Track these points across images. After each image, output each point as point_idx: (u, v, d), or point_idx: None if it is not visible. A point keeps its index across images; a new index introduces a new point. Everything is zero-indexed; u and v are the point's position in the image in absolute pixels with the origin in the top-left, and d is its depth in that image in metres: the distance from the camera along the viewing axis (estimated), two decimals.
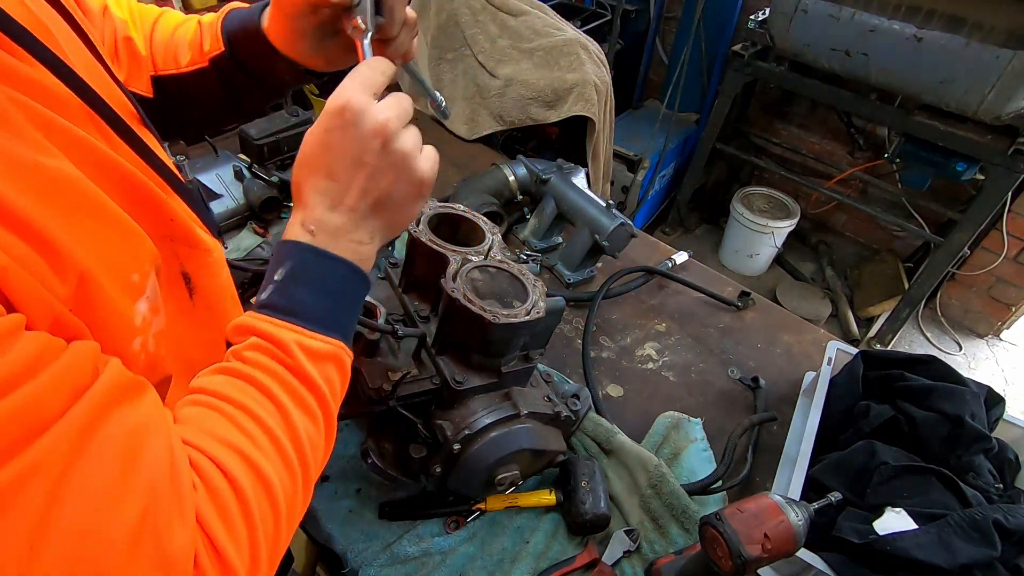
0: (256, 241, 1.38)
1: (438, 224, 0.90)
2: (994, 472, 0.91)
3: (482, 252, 0.85)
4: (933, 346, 2.92)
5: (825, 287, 3.08)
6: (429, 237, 0.84)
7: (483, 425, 0.80)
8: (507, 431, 0.81)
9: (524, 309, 0.77)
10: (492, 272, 0.82)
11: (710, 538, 0.70)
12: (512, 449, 0.81)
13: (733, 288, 1.42)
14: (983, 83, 1.93)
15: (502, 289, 0.80)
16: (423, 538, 0.90)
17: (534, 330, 0.81)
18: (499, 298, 0.78)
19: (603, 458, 1.01)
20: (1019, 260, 2.69)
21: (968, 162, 2.23)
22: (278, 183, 1.43)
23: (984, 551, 0.75)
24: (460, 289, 0.75)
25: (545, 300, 0.80)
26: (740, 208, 2.96)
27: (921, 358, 1.02)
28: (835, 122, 2.96)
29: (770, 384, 1.20)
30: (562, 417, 0.89)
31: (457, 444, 0.79)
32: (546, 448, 0.85)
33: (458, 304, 0.74)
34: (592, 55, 1.75)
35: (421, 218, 0.86)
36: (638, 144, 2.95)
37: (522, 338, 0.81)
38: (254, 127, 1.42)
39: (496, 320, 0.73)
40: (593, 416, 1.03)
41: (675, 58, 2.99)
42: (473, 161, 1.80)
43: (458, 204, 0.94)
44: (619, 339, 1.28)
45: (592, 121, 1.75)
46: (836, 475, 0.91)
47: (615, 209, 1.32)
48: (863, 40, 2.14)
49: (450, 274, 0.78)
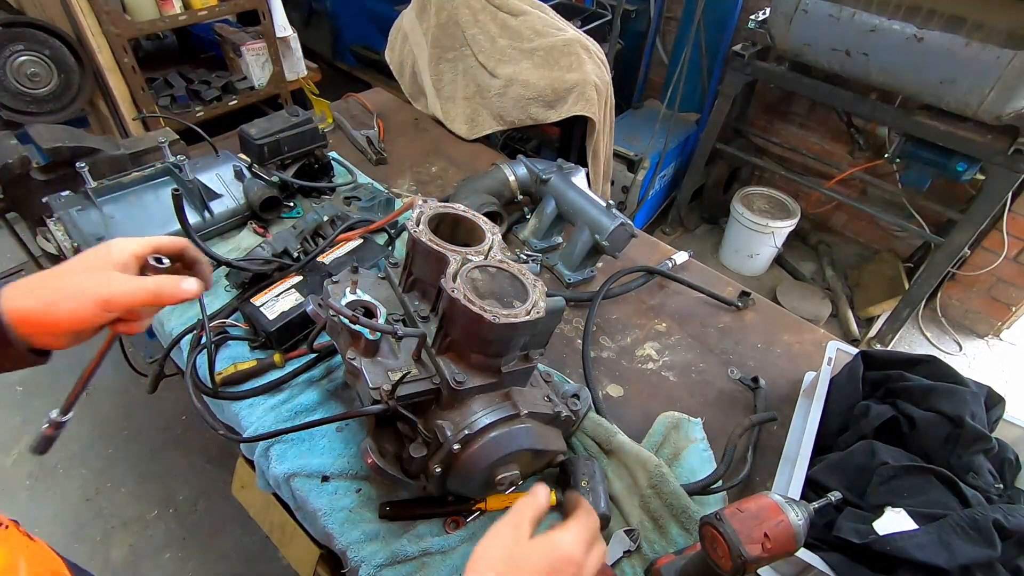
0: (256, 241, 1.38)
1: (438, 224, 0.90)
2: (994, 472, 0.91)
3: (482, 252, 0.85)
4: (933, 346, 2.92)
5: (825, 287, 3.07)
6: (429, 237, 0.84)
7: (483, 425, 0.80)
8: (507, 431, 0.81)
9: (524, 309, 0.76)
10: (492, 272, 0.82)
11: (710, 538, 0.70)
12: (512, 449, 0.81)
13: (733, 288, 1.42)
14: (983, 83, 1.93)
15: (502, 289, 0.80)
16: (423, 537, 0.90)
17: (534, 330, 0.81)
18: (499, 298, 0.78)
19: (603, 458, 1.01)
20: (1019, 260, 2.69)
21: (968, 162, 2.23)
22: (278, 183, 1.43)
23: (984, 551, 0.75)
24: (460, 289, 0.75)
25: (545, 300, 0.80)
26: (740, 208, 2.96)
27: (921, 358, 1.02)
28: (835, 122, 2.96)
29: (770, 384, 1.20)
30: (562, 417, 0.89)
31: (457, 444, 0.79)
32: (546, 448, 0.85)
33: (458, 304, 0.74)
34: (592, 55, 1.75)
35: (421, 218, 0.86)
36: (638, 144, 2.95)
37: (522, 338, 0.81)
38: (254, 127, 1.42)
39: (496, 320, 0.73)
40: (593, 416, 1.03)
41: (675, 58, 2.99)
42: (473, 161, 1.81)
43: (458, 204, 0.94)
44: (619, 339, 1.28)
45: (592, 121, 1.75)
46: (836, 475, 0.91)
47: (615, 209, 1.32)
48: (863, 40, 2.14)
49: (450, 274, 0.78)
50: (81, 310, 0.58)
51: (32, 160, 1.42)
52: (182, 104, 2.95)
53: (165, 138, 1.46)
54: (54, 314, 0.57)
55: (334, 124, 1.89)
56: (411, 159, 1.80)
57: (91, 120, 2.88)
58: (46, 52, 2.42)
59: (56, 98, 2.52)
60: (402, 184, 1.69)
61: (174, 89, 2.98)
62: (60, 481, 2.10)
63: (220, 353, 1.14)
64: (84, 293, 0.58)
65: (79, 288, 0.59)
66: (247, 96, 3.10)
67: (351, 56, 4.28)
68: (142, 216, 1.29)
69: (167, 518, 2.02)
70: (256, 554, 1.94)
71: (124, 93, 2.65)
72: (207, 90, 3.00)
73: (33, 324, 0.57)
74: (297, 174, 1.49)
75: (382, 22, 3.69)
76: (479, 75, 1.83)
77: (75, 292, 0.59)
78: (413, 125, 1.98)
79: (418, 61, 1.98)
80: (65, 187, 1.34)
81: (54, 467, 2.13)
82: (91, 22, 2.42)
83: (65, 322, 0.58)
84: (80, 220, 1.23)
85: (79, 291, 0.59)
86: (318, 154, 1.53)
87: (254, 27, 3.11)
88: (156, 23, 2.59)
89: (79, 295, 0.58)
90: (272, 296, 1.16)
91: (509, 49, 1.79)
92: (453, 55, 1.88)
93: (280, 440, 1.00)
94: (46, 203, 1.26)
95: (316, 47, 4.38)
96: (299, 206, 1.50)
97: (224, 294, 1.25)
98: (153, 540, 1.97)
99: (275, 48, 3.06)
